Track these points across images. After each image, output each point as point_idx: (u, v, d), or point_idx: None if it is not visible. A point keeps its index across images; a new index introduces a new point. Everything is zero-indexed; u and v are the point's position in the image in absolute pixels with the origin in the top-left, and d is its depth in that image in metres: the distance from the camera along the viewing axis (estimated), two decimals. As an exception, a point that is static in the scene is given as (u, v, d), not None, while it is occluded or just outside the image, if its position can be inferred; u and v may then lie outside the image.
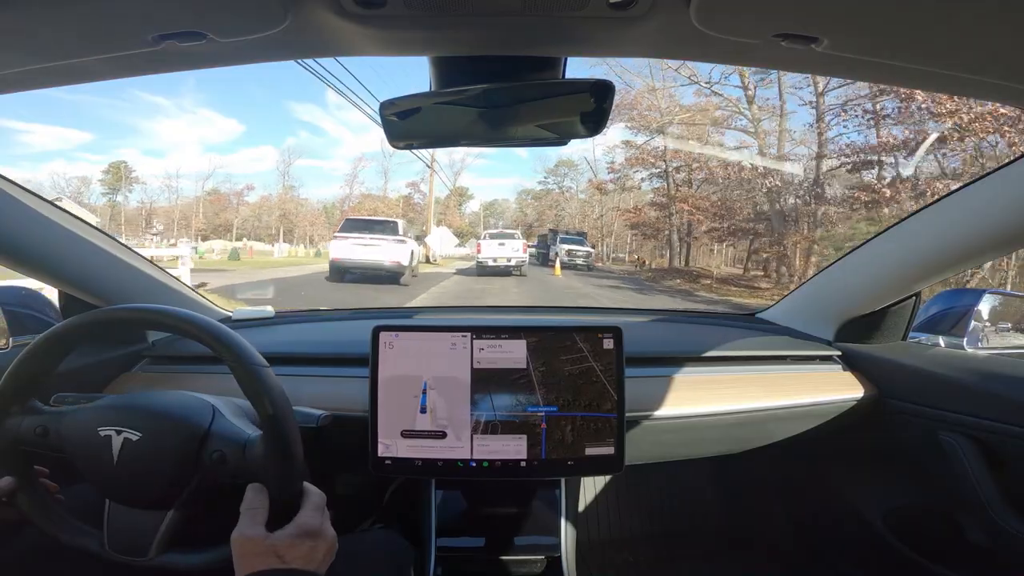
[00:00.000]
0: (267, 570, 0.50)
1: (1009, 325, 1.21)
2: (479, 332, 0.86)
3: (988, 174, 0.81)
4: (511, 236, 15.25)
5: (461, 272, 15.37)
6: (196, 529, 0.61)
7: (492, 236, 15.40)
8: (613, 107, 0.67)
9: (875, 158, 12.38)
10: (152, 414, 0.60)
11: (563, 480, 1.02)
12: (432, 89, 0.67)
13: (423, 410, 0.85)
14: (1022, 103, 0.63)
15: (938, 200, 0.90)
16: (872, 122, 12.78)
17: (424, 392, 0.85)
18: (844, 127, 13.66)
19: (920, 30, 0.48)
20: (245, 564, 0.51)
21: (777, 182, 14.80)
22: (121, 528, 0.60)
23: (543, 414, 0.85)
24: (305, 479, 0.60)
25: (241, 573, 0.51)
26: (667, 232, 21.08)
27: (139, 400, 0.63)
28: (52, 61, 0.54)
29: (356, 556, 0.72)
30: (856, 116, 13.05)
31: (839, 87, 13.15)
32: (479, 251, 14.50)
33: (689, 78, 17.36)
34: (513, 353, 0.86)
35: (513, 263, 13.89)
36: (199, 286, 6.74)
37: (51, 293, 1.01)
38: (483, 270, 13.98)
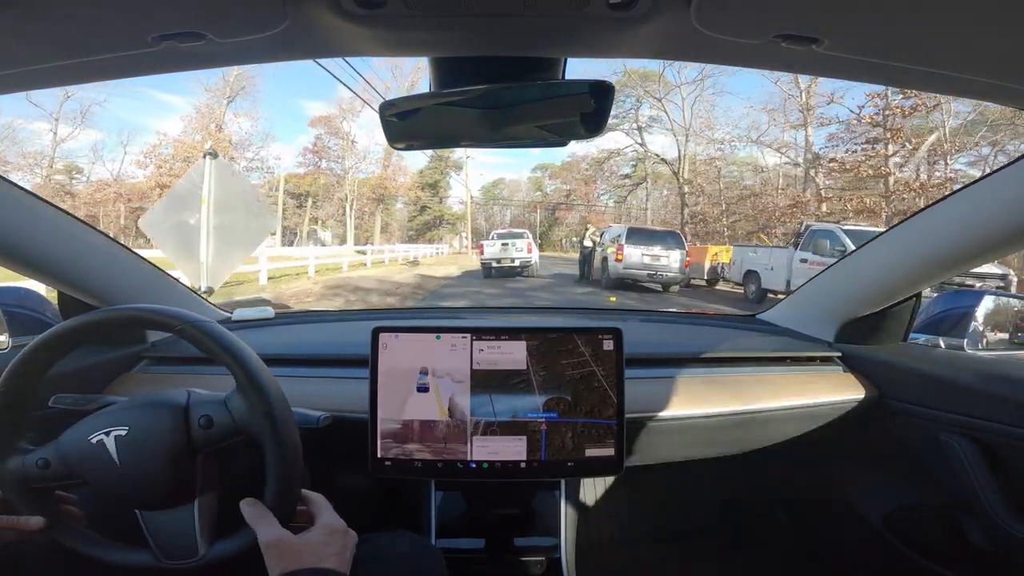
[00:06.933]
0: (305, 569, 0.52)
1: (996, 325, 1.20)
2: (479, 333, 0.86)
3: (988, 175, 0.81)
4: (519, 236, 14.00)
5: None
6: (223, 521, 0.61)
7: (498, 236, 14.45)
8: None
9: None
10: (132, 407, 0.61)
11: (563, 481, 1.02)
12: (432, 90, 0.67)
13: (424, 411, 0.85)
14: (1021, 103, 0.63)
15: (938, 202, 0.90)
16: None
17: (426, 388, 0.85)
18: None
19: (920, 30, 0.48)
20: (283, 564, 0.53)
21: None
22: (159, 533, 0.60)
23: (543, 420, 0.85)
24: (305, 480, 0.60)
25: (278, 572, 0.52)
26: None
27: (117, 402, 0.64)
28: (52, 62, 0.54)
29: (383, 559, 0.72)
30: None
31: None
32: (481, 252, 13.71)
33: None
34: (513, 354, 0.86)
35: (518, 264, 13.01)
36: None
37: (51, 294, 1.01)
38: (488, 272, 13.05)
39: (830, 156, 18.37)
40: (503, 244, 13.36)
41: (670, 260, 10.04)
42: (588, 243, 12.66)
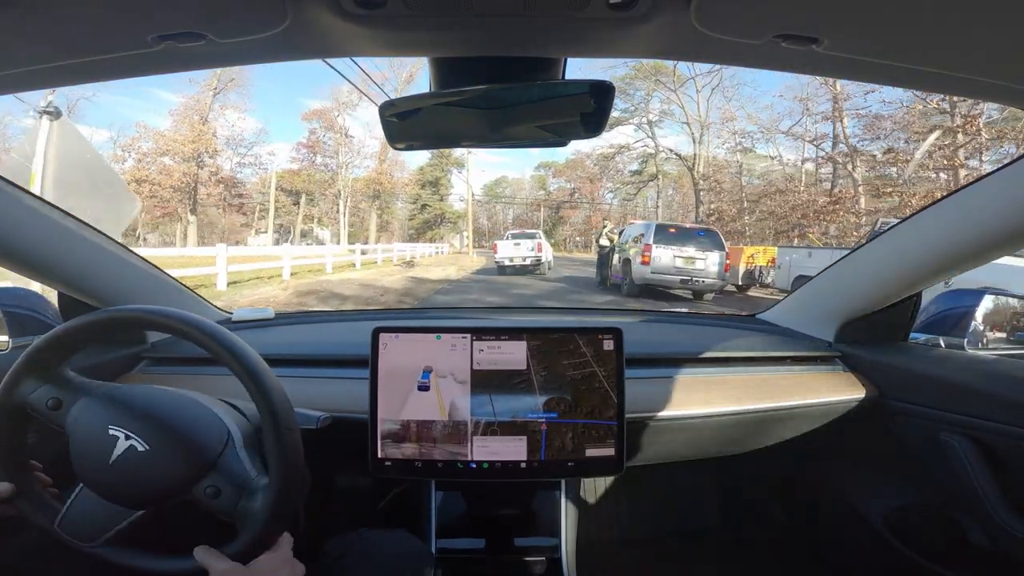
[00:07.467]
0: None
1: (996, 325, 1.20)
2: (479, 333, 0.86)
3: (988, 175, 0.81)
4: (531, 236, 15.17)
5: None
6: (162, 533, 0.60)
7: (512, 236, 15.52)
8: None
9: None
10: (166, 428, 0.59)
11: (563, 481, 1.02)
12: (432, 90, 0.67)
13: (425, 410, 0.85)
14: (1022, 103, 0.63)
15: (938, 201, 0.90)
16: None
17: (426, 388, 0.85)
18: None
19: (920, 30, 0.48)
20: None
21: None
22: (83, 512, 0.59)
23: (543, 420, 0.85)
24: (306, 481, 0.60)
25: None
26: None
27: (157, 407, 0.61)
28: (52, 62, 0.54)
29: (374, 557, 0.72)
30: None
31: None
32: (496, 251, 14.70)
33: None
34: (513, 354, 0.86)
35: (529, 262, 13.95)
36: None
37: (51, 294, 1.01)
38: (503, 270, 13.92)
39: (886, 147, 16.99)
40: (516, 244, 14.56)
41: (707, 263, 8.23)
42: (605, 242, 10.94)
